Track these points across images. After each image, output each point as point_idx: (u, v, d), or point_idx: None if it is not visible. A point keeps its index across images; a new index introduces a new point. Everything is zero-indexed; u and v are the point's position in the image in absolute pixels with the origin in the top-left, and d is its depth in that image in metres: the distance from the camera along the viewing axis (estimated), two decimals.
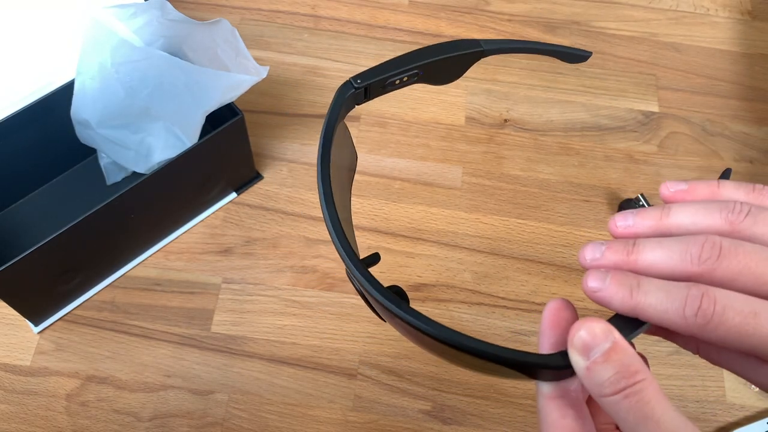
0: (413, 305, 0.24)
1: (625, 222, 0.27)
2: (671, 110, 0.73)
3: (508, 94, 0.73)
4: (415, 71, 0.31)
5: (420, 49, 0.31)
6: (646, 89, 0.75)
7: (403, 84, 0.31)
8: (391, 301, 0.24)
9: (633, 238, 0.26)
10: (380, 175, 0.67)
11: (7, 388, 0.56)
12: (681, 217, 0.25)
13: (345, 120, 0.30)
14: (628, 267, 0.25)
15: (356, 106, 0.31)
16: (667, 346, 0.60)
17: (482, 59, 0.33)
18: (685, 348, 0.28)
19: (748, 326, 0.22)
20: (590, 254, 0.26)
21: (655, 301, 0.23)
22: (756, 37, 0.80)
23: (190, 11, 0.77)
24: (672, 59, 0.77)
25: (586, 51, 0.35)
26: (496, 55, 0.33)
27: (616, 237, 0.27)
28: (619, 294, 0.24)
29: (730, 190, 0.26)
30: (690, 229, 0.25)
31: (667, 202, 0.27)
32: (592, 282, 0.25)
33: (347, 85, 0.30)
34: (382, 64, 0.30)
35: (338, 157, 0.29)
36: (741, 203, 0.24)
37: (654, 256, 0.24)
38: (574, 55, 0.35)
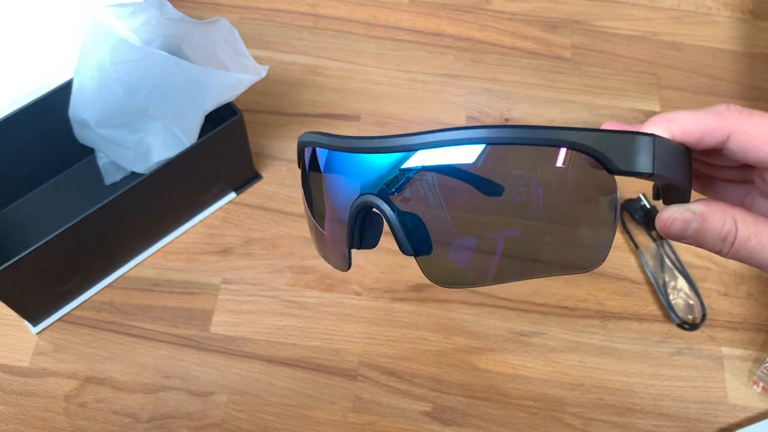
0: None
1: None
2: (673, 110, 0.73)
3: (508, 93, 0.73)
4: None
5: None
6: (648, 89, 0.74)
7: None
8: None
9: None
10: None
11: (5, 389, 0.55)
12: None
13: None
14: None
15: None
16: (669, 347, 0.59)
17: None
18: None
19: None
20: None
21: (687, 112, 0.28)
22: (757, 37, 0.79)
23: (189, 10, 0.77)
24: (673, 58, 0.77)
25: None
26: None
27: None
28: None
29: None
30: None
31: None
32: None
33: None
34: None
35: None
36: None
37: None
38: None
